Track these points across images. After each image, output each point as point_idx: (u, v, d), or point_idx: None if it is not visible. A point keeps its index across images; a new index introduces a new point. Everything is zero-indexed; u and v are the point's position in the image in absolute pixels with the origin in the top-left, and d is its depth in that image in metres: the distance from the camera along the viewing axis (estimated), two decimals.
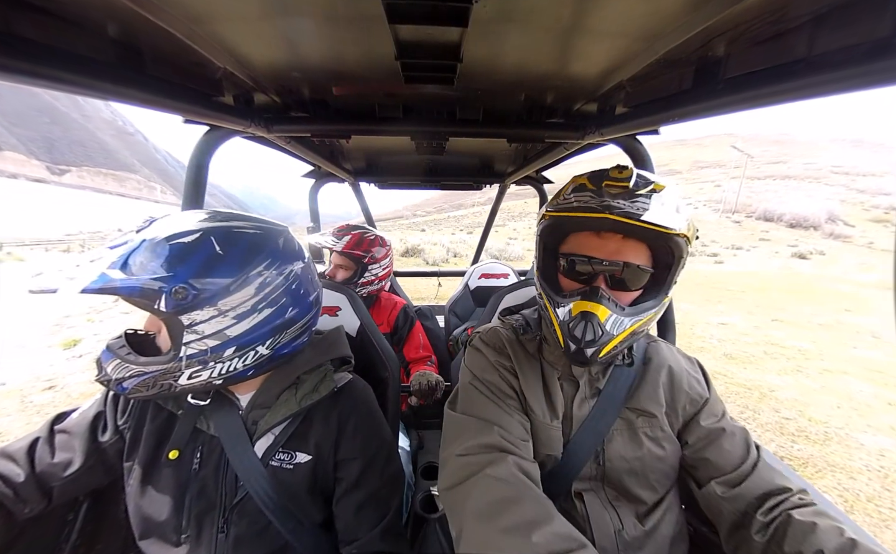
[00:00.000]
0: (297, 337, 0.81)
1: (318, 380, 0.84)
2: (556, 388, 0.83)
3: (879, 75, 0.46)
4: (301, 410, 0.80)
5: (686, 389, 0.84)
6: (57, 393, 4.02)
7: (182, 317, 0.66)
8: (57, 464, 0.77)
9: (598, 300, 0.71)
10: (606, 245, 0.73)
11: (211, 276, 0.67)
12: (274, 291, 0.73)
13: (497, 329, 0.94)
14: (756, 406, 4.40)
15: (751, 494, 0.72)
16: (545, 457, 0.80)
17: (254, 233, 0.74)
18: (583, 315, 0.71)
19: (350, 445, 0.82)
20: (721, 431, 0.79)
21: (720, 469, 0.77)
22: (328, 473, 0.81)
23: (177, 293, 0.65)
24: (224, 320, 0.69)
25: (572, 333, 0.72)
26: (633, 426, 0.81)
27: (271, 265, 0.73)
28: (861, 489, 3.17)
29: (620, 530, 0.75)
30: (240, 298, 0.69)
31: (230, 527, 0.76)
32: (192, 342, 0.68)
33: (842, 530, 0.63)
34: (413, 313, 1.89)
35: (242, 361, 0.73)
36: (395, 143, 1.67)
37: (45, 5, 0.57)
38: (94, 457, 0.80)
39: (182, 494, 0.76)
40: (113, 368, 0.69)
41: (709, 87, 0.74)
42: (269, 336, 0.74)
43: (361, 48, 0.75)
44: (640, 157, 1.20)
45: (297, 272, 0.78)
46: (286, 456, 0.79)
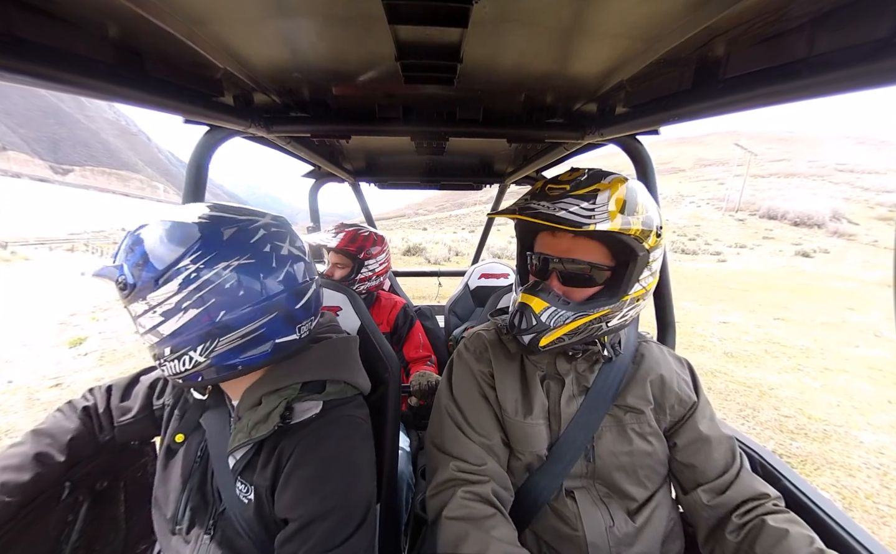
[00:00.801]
0: (244, 348, 0.67)
1: (270, 407, 0.71)
2: (536, 386, 0.84)
3: (879, 75, 0.46)
4: (251, 441, 0.69)
5: (676, 390, 0.85)
6: (63, 391, 4.04)
7: (129, 307, 0.66)
8: (120, 407, 0.88)
9: (535, 293, 0.78)
10: (558, 243, 0.78)
11: (145, 267, 0.63)
12: (198, 290, 0.63)
13: (480, 332, 0.96)
14: (756, 404, 4.41)
15: (733, 502, 0.76)
16: (529, 456, 0.82)
17: (196, 222, 0.65)
18: (521, 306, 0.79)
19: (283, 499, 0.66)
20: (709, 438, 0.82)
21: (706, 476, 0.79)
22: (277, 524, 0.69)
23: (118, 283, 0.64)
24: (154, 316, 0.64)
25: (512, 320, 0.81)
26: (621, 423, 0.82)
27: (199, 259, 0.62)
28: (860, 487, 3.17)
29: (611, 527, 0.76)
30: (164, 294, 0.62)
31: (216, 531, 0.74)
32: (142, 334, 0.67)
33: (812, 539, 0.67)
34: (413, 313, 1.90)
35: (181, 365, 0.66)
36: (395, 143, 1.67)
37: (45, 6, 0.57)
38: (145, 413, 0.88)
39: (184, 484, 0.77)
40: None
41: (709, 87, 0.74)
42: (199, 341, 0.65)
43: (361, 48, 0.75)
44: (640, 157, 1.20)
45: (235, 271, 0.64)
46: (243, 487, 0.72)
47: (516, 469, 0.84)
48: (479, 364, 0.89)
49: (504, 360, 0.89)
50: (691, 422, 0.84)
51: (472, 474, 0.76)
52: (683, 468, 0.83)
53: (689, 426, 0.83)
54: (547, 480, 0.80)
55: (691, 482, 0.81)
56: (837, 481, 3.23)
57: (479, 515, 0.70)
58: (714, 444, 0.81)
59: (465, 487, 0.74)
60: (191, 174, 1.15)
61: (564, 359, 0.85)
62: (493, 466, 0.78)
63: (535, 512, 0.80)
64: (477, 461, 0.78)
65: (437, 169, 2.22)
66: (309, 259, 0.77)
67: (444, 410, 0.86)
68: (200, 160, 1.15)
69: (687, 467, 0.82)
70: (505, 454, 0.83)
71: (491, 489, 0.75)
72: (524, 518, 0.80)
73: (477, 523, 0.69)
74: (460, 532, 0.68)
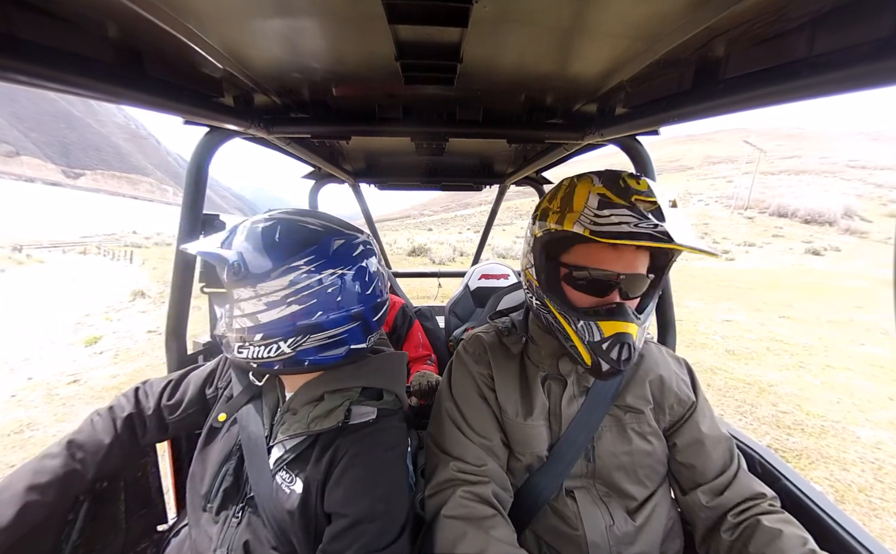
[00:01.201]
0: (325, 348, 0.74)
1: (334, 405, 0.76)
2: (536, 388, 0.84)
3: (879, 75, 0.46)
4: (308, 433, 0.74)
5: (675, 390, 0.86)
6: (81, 387, 4.16)
7: (234, 291, 0.72)
8: (171, 404, 0.91)
9: (630, 319, 0.71)
10: (623, 257, 0.73)
11: (261, 259, 0.70)
12: (305, 289, 0.70)
13: (479, 335, 0.96)
14: (754, 401, 4.43)
15: (730, 502, 0.76)
16: (530, 457, 0.82)
17: (312, 229, 0.74)
18: (618, 337, 0.70)
19: (334, 494, 0.70)
20: (709, 438, 0.82)
21: (705, 477, 0.80)
22: (320, 519, 0.72)
23: (232, 267, 0.70)
24: (258, 304, 0.71)
25: (608, 355, 0.70)
26: (621, 422, 0.82)
27: (311, 262, 0.71)
28: (853, 480, 3.18)
29: (611, 526, 0.77)
30: (274, 286, 0.70)
31: (243, 516, 0.76)
32: (237, 317, 0.73)
33: (805, 540, 0.67)
34: (412, 313, 1.90)
35: (266, 351, 0.72)
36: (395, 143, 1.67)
37: (45, 6, 0.57)
38: (197, 407, 0.91)
39: (223, 463, 0.80)
40: (219, 325, 0.79)
41: (709, 88, 0.74)
42: (291, 334, 0.72)
43: (361, 49, 0.75)
44: (640, 157, 1.20)
45: (339, 278, 0.72)
46: (288, 477, 0.75)
47: (516, 470, 0.83)
48: (478, 366, 0.88)
49: (503, 361, 0.89)
50: (691, 422, 0.84)
51: (472, 475, 0.76)
52: (682, 468, 0.83)
53: (689, 427, 0.84)
54: (547, 481, 0.80)
55: (690, 483, 0.82)
56: (831, 475, 3.23)
57: (479, 515, 0.70)
58: (713, 444, 0.81)
59: (464, 487, 0.74)
60: (191, 175, 1.16)
61: (568, 360, 0.85)
62: (493, 467, 0.78)
63: (535, 512, 0.80)
64: (477, 462, 0.77)
65: (437, 170, 2.22)
66: (365, 271, 0.79)
67: (444, 411, 0.86)
68: (201, 161, 1.16)
69: (686, 468, 0.82)
70: (505, 455, 0.83)
71: (491, 490, 0.74)
72: (524, 518, 0.80)
73: (476, 523, 0.69)
74: (458, 531, 0.68)
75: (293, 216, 0.75)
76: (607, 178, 0.73)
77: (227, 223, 1.03)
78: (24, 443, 3.10)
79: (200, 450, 0.84)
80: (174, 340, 1.15)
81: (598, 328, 0.71)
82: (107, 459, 0.83)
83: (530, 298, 0.85)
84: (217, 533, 0.75)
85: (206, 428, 0.86)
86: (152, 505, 1.04)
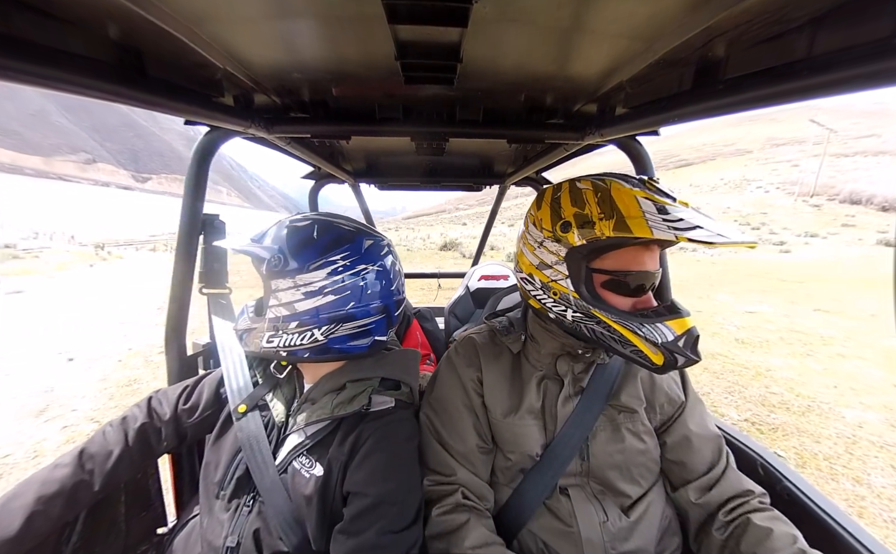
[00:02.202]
0: (354, 337, 0.81)
1: (356, 392, 0.82)
2: (529, 387, 0.85)
3: (879, 75, 0.46)
4: (332, 419, 0.80)
5: (665, 389, 0.87)
6: None
7: (272, 281, 0.78)
8: (188, 408, 0.93)
9: (687, 314, 0.73)
10: (653, 256, 0.76)
11: (300, 253, 0.77)
12: (341, 281, 0.78)
13: (471, 335, 0.96)
14: (747, 383, 4.51)
15: (720, 498, 0.78)
16: (521, 456, 0.83)
17: (346, 229, 0.82)
18: (690, 333, 0.71)
19: (356, 475, 0.74)
20: (698, 436, 0.84)
21: (694, 473, 0.82)
22: (337, 500, 0.75)
23: (272, 260, 0.76)
24: (296, 294, 0.77)
25: (685, 351, 0.70)
26: (615, 422, 0.83)
27: (347, 258, 0.79)
28: (822, 451, 3.30)
29: (605, 522, 0.77)
30: (312, 278, 0.77)
31: (254, 505, 0.79)
32: (273, 307, 0.79)
33: (794, 538, 0.69)
34: (411, 313, 1.90)
35: (300, 339, 0.78)
36: (395, 143, 1.67)
37: (45, 6, 0.57)
38: (214, 406, 0.93)
39: (237, 453, 0.82)
40: (242, 321, 0.84)
41: (709, 88, 0.74)
42: (325, 323, 0.78)
43: (361, 48, 0.75)
44: (640, 157, 1.20)
45: (369, 273, 0.81)
46: (308, 462, 0.79)
47: (508, 471, 0.84)
48: (469, 370, 0.89)
49: (494, 362, 0.89)
50: (680, 421, 0.85)
51: (444, 485, 0.80)
52: (672, 465, 0.85)
53: (679, 425, 0.85)
54: (541, 480, 0.81)
55: (679, 479, 0.84)
56: (801, 445, 3.33)
57: (453, 526, 0.74)
58: (701, 442, 0.83)
59: (437, 502, 0.79)
60: (191, 175, 1.15)
61: (568, 359, 0.85)
62: (464, 475, 0.81)
63: (531, 511, 0.81)
64: (448, 471, 0.81)
65: (437, 170, 2.22)
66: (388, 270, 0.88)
67: (421, 420, 0.89)
68: (201, 161, 1.15)
69: (676, 465, 0.84)
70: (483, 460, 0.85)
71: (461, 494, 0.78)
72: (520, 518, 0.81)
73: (451, 538, 0.73)
74: (440, 549, 0.74)
75: (326, 217, 0.83)
76: (633, 181, 0.74)
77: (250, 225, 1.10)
78: (134, 392, 4.10)
79: (215, 440, 0.87)
80: (174, 340, 1.15)
81: (669, 328, 0.71)
82: (115, 470, 0.83)
83: (562, 312, 0.79)
84: (228, 520, 0.77)
85: (222, 419, 0.89)
86: (152, 508, 1.04)
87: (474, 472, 0.82)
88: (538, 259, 0.81)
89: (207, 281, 1.22)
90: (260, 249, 0.78)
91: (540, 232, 0.80)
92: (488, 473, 0.86)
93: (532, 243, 0.83)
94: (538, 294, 0.82)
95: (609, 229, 0.70)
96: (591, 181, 0.77)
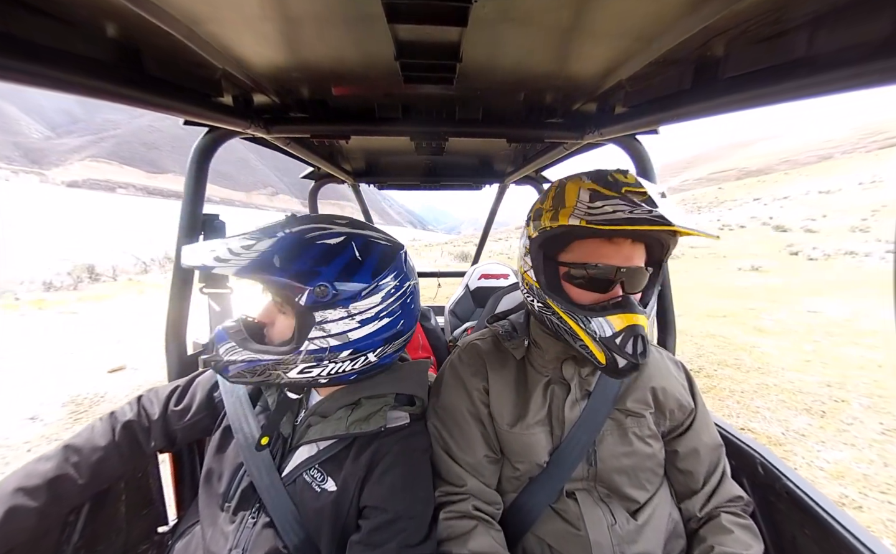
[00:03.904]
0: (398, 350, 0.81)
1: (373, 410, 0.79)
2: (536, 394, 0.84)
3: (879, 75, 0.46)
4: (347, 435, 0.77)
5: (676, 396, 0.86)
6: None
7: (316, 313, 0.70)
8: (178, 410, 0.88)
9: (637, 311, 0.70)
10: (620, 251, 0.73)
11: (349, 279, 0.71)
12: (395, 302, 0.76)
13: (475, 342, 0.94)
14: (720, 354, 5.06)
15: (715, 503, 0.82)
16: (528, 465, 0.82)
17: (385, 245, 0.79)
18: (631, 329, 0.69)
19: (375, 490, 0.74)
20: (706, 446, 0.85)
21: (698, 483, 0.84)
22: (350, 513, 0.74)
23: (319, 290, 0.69)
24: (350, 323, 0.72)
25: (622, 349, 0.69)
26: (622, 426, 0.83)
27: (396, 277, 0.77)
28: (736, 389, 4.05)
29: (613, 525, 0.77)
30: (367, 304, 0.73)
31: (259, 518, 0.77)
32: (317, 338, 0.71)
33: (748, 546, 0.75)
34: None
35: (352, 365, 0.75)
36: (395, 143, 1.67)
37: (44, 6, 0.57)
38: (206, 411, 0.89)
39: (240, 466, 0.80)
40: (226, 349, 0.72)
41: (708, 87, 0.74)
42: (380, 345, 0.76)
43: (361, 48, 0.75)
44: (640, 156, 1.20)
45: (412, 288, 0.81)
46: (319, 476, 0.76)
47: (515, 478, 0.84)
48: (474, 379, 0.87)
49: (500, 369, 0.88)
50: (693, 432, 0.86)
51: (454, 495, 0.80)
52: (679, 474, 0.85)
53: (691, 436, 0.85)
54: (548, 485, 0.80)
55: (685, 489, 0.85)
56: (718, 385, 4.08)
57: (459, 531, 0.74)
58: (708, 451, 0.85)
59: (446, 508, 0.79)
60: (191, 175, 1.15)
61: (573, 362, 0.84)
62: (473, 485, 0.80)
63: (537, 516, 0.80)
64: (458, 482, 0.81)
65: (436, 169, 2.23)
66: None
67: (429, 429, 0.88)
68: (200, 161, 1.15)
69: (682, 473, 0.85)
70: (492, 470, 0.84)
71: (471, 504, 0.78)
72: (526, 522, 0.81)
73: (456, 542, 0.73)
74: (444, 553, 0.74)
75: (356, 230, 0.77)
76: (596, 175, 0.74)
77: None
78: None
79: (217, 450, 0.84)
80: (174, 340, 1.15)
81: (609, 323, 0.69)
82: (103, 465, 0.81)
83: (531, 302, 0.82)
84: (233, 533, 0.75)
85: (221, 427, 0.86)
86: (153, 507, 1.04)
87: (484, 481, 0.82)
88: (520, 253, 0.87)
89: (208, 281, 1.22)
90: (294, 281, 0.68)
91: (524, 229, 0.86)
92: (496, 480, 0.86)
93: (522, 244, 0.87)
94: (524, 290, 0.86)
95: (548, 220, 0.74)
96: (561, 179, 0.80)
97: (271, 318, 0.77)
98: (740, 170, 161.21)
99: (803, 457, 3.21)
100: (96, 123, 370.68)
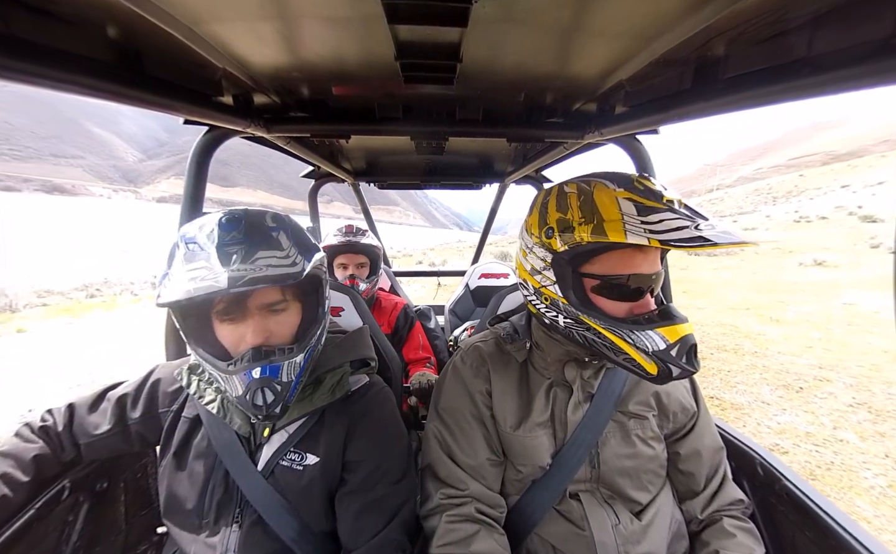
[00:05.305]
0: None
1: (335, 380, 0.84)
2: (538, 396, 0.83)
3: (879, 75, 0.46)
4: (316, 410, 0.81)
5: (679, 398, 0.86)
6: None
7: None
8: (88, 422, 0.83)
9: (682, 320, 0.68)
10: (648, 258, 0.71)
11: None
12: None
13: (478, 345, 0.93)
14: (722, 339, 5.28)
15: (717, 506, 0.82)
16: (531, 468, 0.82)
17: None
18: (685, 341, 0.66)
19: (357, 445, 0.80)
20: (708, 449, 0.85)
21: (700, 485, 0.84)
22: (336, 475, 0.79)
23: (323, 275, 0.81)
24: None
25: (678, 361, 0.66)
26: (625, 428, 0.82)
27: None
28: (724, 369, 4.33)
29: (617, 525, 0.77)
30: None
31: (244, 520, 0.77)
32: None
33: (752, 550, 0.74)
34: (413, 314, 1.89)
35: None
36: (395, 143, 1.67)
37: (44, 6, 0.57)
38: (120, 427, 0.84)
39: (207, 480, 0.78)
40: (288, 371, 0.71)
41: (708, 87, 0.74)
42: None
43: (361, 48, 0.75)
44: (641, 156, 1.20)
45: None
46: (297, 456, 0.79)
47: (518, 480, 0.84)
48: (476, 381, 0.87)
49: (503, 371, 0.87)
50: (695, 434, 0.85)
51: (456, 498, 0.79)
52: (680, 476, 0.85)
53: (693, 438, 0.85)
54: (551, 486, 0.80)
55: (687, 490, 0.85)
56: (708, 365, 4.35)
57: (462, 535, 0.73)
58: (710, 453, 0.85)
59: (449, 511, 0.78)
60: (191, 174, 1.15)
61: (575, 365, 0.84)
62: (476, 489, 0.80)
63: (540, 518, 0.80)
64: (461, 486, 0.80)
65: (437, 169, 2.23)
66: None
67: (431, 432, 0.87)
68: (200, 161, 1.15)
69: (684, 475, 0.85)
70: (494, 473, 0.84)
71: (474, 507, 0.78)
72: (529, 524, 0.81)
73: (458, 545, 0.72)
74: None
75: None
76: (617, 179, 0.70)
77: None
78: None
79: (174, 474, 0.79)
80: (174, 340, 1.15)
81: (661, 336, 0.66)
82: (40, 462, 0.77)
83: (554, 317, 0.77)
84: (220, 542, 0.75)
85: (172, 452, 0.81)
86: (152, 506, 1.04)
87: (486, 485, 0.82)
88: (529, 264, 0.79)
89: None
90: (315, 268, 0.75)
91: (530, 237, 0.79)
92: (499, 483, 0.85)
93: (525, 249, 0.81)
94: (533, 299, 0.81)
95: (587, 234, 0.67)
96: (577, 184, 0.74)
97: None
98: (826, 154, 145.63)
99: (757, 420, 3.35)
100: (178, 145, 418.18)
